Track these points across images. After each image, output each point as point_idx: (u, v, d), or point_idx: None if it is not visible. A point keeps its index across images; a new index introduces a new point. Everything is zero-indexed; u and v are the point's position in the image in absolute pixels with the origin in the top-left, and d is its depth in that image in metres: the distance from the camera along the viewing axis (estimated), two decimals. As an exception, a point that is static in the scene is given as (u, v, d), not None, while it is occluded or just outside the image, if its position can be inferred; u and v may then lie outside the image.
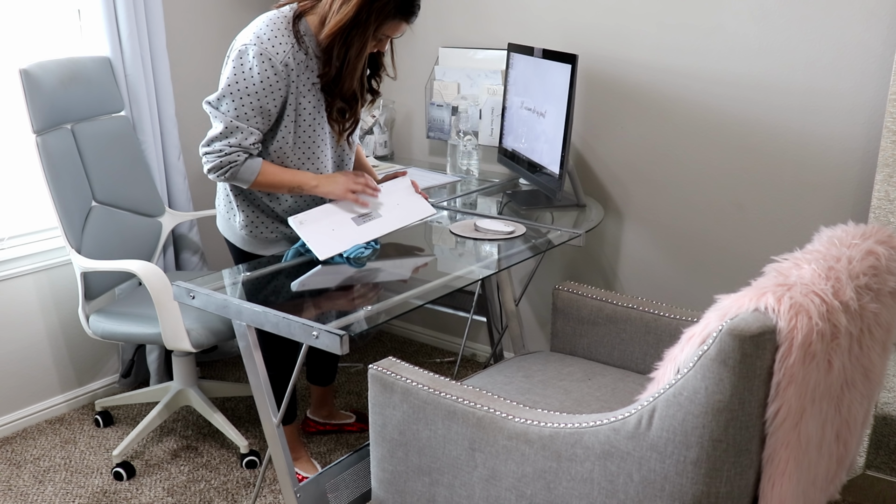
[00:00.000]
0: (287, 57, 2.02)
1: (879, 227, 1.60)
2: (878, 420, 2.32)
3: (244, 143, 2.04)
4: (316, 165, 2.20)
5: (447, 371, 3.25)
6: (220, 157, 2.04)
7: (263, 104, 2.03)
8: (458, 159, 3.04)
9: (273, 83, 2.02)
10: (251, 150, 2.07)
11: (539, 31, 2.87)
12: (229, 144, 2.04)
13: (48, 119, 2.49)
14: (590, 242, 2.90)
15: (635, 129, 2.74)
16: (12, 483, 2.53)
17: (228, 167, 2.06)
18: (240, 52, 2.02)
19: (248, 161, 2.07)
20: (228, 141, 2.04)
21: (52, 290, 2.84)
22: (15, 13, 2.70)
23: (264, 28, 2.03)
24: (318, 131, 2.17)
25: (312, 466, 2.52)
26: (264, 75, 2.00)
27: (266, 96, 2.02)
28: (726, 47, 2.50)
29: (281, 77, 2.02)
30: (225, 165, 2.05)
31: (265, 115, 2.05)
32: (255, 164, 2.08)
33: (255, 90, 2.01)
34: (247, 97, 2.01)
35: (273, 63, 2.00)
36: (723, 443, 1.35)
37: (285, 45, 2.02)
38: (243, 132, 2.03)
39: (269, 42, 2.01)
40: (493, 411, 1.61)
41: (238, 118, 2.02)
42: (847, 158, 2.38)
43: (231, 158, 2.05)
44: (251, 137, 2.05)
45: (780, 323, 1.31)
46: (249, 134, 2.04)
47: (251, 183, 2.10)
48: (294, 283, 2.02)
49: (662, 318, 2.08)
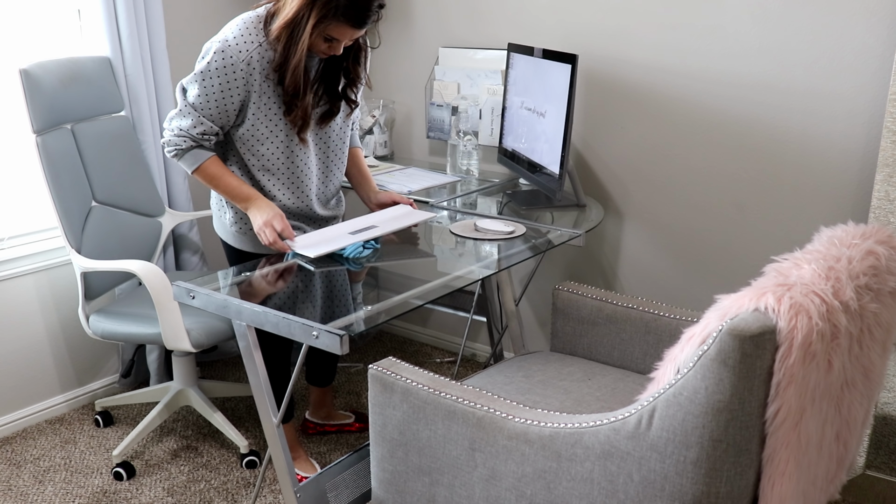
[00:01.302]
0: (250, 56, 2.06)
1: (879, 227, 1.60)
2: (878, 420, 2.32)
3: (192, 130, 2.11)
4: (293, 160, 2.21)
5: (447, 371, 3.25)
6: (172, 135, 2.15)
7: (218, 98, 2.09)
8: (458, 159, 3.04)
9: (230, 80, 2.07)
10: (200, 140, 2.14)
11: (539, 31, 2.87)
12: (180, 127, 2.13)
13: (48, 119, 2.49)
14: (590, 242, 2.90)
15: (635, 129, 2.74)
16: (12, 483, 2.53)
17: (174, 148, 2.15)
18: (206, 48, 2.10)
19: (195, 150, 2.15)
20: (180, 123, 2.13)
21: (52, 290, 2.84)
22: (15, 13, 2.70)
23: (234, 28, 2.09)
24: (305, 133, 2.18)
25: (311, 466, 2.52)
26: (221, 72, 2.06)
27: (222, 92, 2.08)
28: (726, 47, 2.50)
29: (240, 75, 2.07)
30: (171, 145, 2.15)
31: (221, 111, 2.10)
32: (200, 155, 2.15)
33: (212, 83, 2.07)
34: (203, 89, 2.08)
35: (233, 61, 2.05)
36: (723, 443, 1.35)
37: (251, 43, 2.06)
38: (193, 120, 2.11)
39: (234, 41, 2.06)
40: (493, 411, 1.61)
41: (192, 105, 2.10)
42: (847, 158, 2.38)
43: (176, 141, 2.14)
44: (199, 127, 2.11)
45: (780, 323, 1.31)
46: (199, 123, 2.11)
47: (191, 172, 2.18)
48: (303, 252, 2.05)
49: (662, 318, 2.08)
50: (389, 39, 3.18)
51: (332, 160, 2.32)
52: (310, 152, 2.24)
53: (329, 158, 2.31)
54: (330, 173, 2.33)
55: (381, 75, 3.24)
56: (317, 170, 2.28)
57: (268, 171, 2.20)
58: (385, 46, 3.13)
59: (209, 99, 2.08)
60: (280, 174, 2.21)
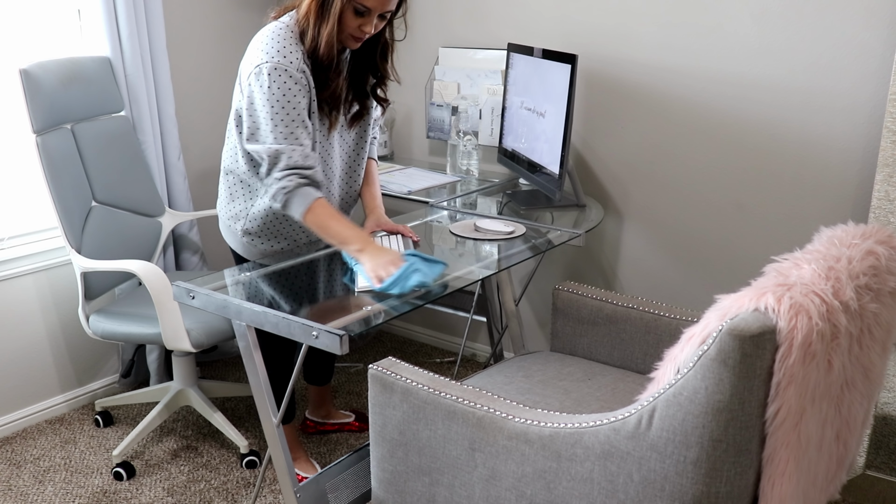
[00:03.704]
0: (300, 62, 1.99)
1: (879, 227, 1.60)
2: (878, 420, 2.32)
3: (291, 163, 1.98)
4: (323, 170, 2.18)
5: (447, 371, 3.25)
6: (276, 184, 1.99)
7: (295, 116, 1.98)
8: (458, 159, 3.04)
9: (296, 92, 1.98)
10: (306, 168, 2.00)
11: (539, 31, 2.87)
12: (280, 170, 1.99)
13: (48, 119, 2.49)
14: (590, 242, 2.90)
15: (635, 129, 2.74)
16: (12, 483, 2.53)
17: (282, 193, 2.00)
18: (255, 74, 1.98)
19: (302, 190, 1.99)
20: (279, 166, 1.99)
21: (52, 290, 2.84)
22: (15, 13, 2.70)
23: (271, 43, 1.98)
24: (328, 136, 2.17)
25: (311, 466, 2.52)
26: (285, 88, 1.96)
27: (294, 108, 1.98)
28: (726, 47, 2.50)
29: (301, 84, 1.99)
30: (278, 192, 2.00)
31: (302, 126, 2.00)
32: (308, 197, 1.99)
33: (282, 105, 1.97)
34: (276, 117, 1.97)
35: (290, 73, 1.96)
36: (723, 443, 1.35)
37: (295, 52, 1.99)
38: (286, 153, 1.98)
39: (279, 55, 1.96)
40: (493, 411, 1.61)
41: (276, 141, 1.98)
42: (847, 158, 2.38)
43: (282, 184, 1.99)
44: (297, 153, 1.99)
45: (780, 323, 1.31)
46: (293, 151, 1.98)
47: (302, 215, 2.00)
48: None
49: (662, 318, 2.08)
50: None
51: (356, 161, 2.30)
52: (335, 156, 2.21)
53: (352, 160, 2.29)
54: (354, 174, 2.31)
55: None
56: (341, 171, 2.26)
57: None
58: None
59: (287, 122, 1.97)
60: None
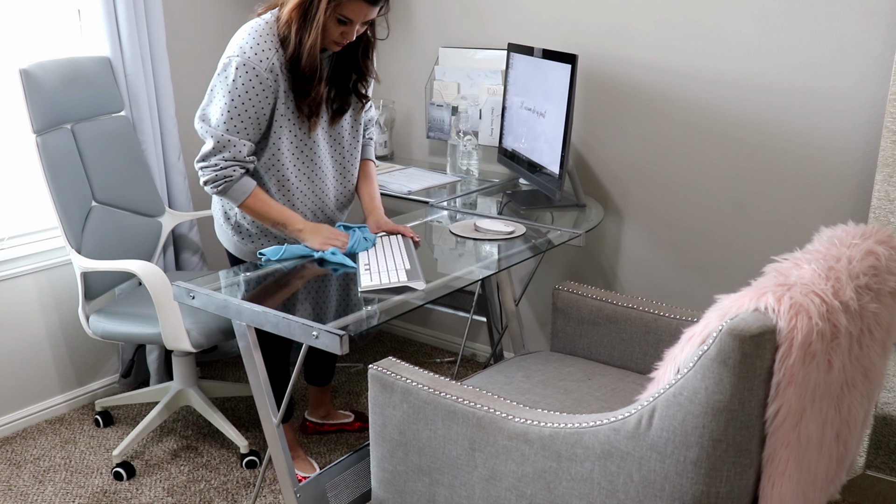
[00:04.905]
0: (271, 63, 2.03)
1: (879, 227, 1.60)
2: (878, 420, 2.32)
3: (238, 156, 2.07)
4: (314, 171, 2.20)
5: (447, 371, 3.25)
6: (216, 171, 2.07)
7: (251, 114, 2.04)
8: (458, 159, 3.04)
9: (259, 91, 2.03)
10: (247, 163, 2.09)
11: (539, 31, 2.87)
12: (223, 158, 2.06)
13: (48, 119, 2.49)
14: (590, 242, 2.90)
15: (635, 129, 2.74)
16: (12, 483, 2.53)
17: (223, 181, 2.08)
18: (224, 65, 2.04)
19: (244, 179, 2.09)
20: (223, 155, 2.06)
21: (52, 290, 2.84)
22: (15, 13, 2.70)
23: (248, 38, 2.04)
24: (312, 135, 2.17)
25: (310, 466, 2.52)
26: (248, 86, 2.01)
27: (253, 106, 2.04)
28: (726, 47, 2.50)
29: (266, 84, 2.03)
30: (220, 179, 2.08)
31: (255, 125, 2.06)
32: (248, 184, 2.10)
33: (242, 101, 2.02)
34: (234, 110, 2.03)
35: (257, 72, 2.01)
36: (723, 443, 1.35)
37: (269, 50, 2.02)
38: (235, 145, 2.05)
39: (251, 51, 2.01)
40: (493, 411, 1.61)
41: (228, 132, 2.04)
42: (847, 158, 2.38)
43: (226, 173, 2.07)
44: (244, 149, 2.07)
45: (780, 323, 1.31)
46: (242, 146, 2.06)
47: (241, 203, 2.12)
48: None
49: (662, 318, 2.08)
50: (389, 39, 3.18)
51: (348, 159, 2.31)
52: (324, 154, 2.22)
53: (344, 158, 2.30)
54: (347, 172, 2.32)
55: (381, 75, 3.23)
56: (333, 170, 2.27)
57: (287, 179, 2.17)
58: (385, 46, 3.13)
59: (243, 117, 2.03)
60: (302, 177, 2.19)
